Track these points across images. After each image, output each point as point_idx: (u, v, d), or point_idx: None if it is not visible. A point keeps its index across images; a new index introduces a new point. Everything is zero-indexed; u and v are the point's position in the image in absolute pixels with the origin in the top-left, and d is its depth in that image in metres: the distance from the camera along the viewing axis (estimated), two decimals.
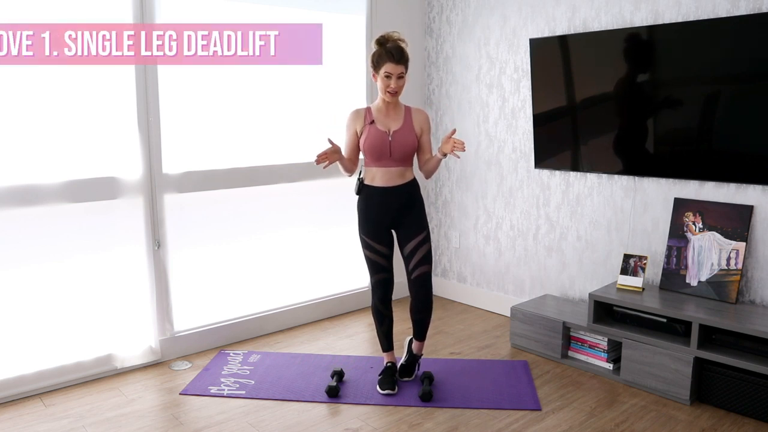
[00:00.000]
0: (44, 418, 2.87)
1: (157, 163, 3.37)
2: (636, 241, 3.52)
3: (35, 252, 3.06)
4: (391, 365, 3.18)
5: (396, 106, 2.99)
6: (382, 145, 2.92)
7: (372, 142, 2.93)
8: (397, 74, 2.88)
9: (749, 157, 3.02)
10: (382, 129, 2.94)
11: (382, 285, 3.07)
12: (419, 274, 3.00)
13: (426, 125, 3.03)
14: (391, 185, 2.97)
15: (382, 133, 2.93)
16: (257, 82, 3.74)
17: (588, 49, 3.53)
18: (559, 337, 3.43)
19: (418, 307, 3.07)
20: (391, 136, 2.93)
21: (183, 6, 3.39)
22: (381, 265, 3.05)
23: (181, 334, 3.57)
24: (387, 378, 3.11)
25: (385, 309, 3.12)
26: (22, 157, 2.97)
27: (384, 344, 3.19)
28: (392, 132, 2.94)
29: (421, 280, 3.01)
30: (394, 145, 2.93)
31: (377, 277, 3.06)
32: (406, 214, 3.00)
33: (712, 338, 2.96)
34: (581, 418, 2.86)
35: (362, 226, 3.04)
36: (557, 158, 3.76)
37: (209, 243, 3.66)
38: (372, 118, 2.96)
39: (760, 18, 2.88)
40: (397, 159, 2.95)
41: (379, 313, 3.13)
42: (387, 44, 2.89)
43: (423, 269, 3.00)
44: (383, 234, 3.02)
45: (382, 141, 2.92)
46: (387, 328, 3.16)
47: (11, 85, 2.91)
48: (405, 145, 2.95)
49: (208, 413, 2.91)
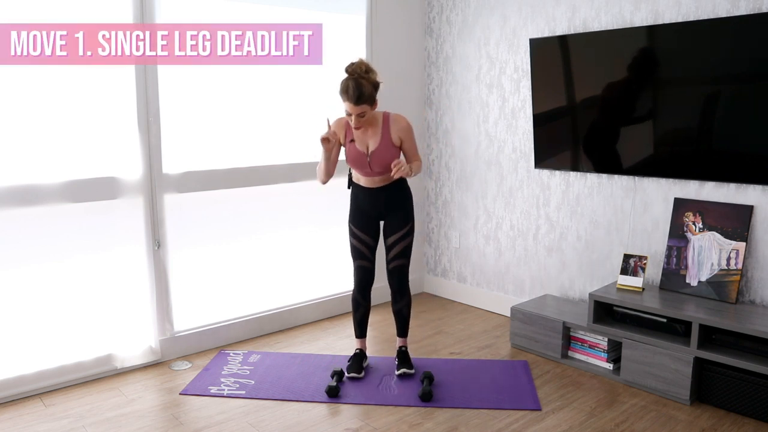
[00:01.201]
0: (44, 418, 2.87)
1: (157, 163, 3.37)
2: (636, 241, 3.52)
3: (35, 252, 3.06)
4: (360, 352, 3.32)
5: (373, 122, 3.02)
6: (362, 163, 3.03)
7: (353, 159, 3.05)
8: (357, 114, 2.87)
9: (749, 157, 3.01)
10: (360, 149, 3.01)
11: (360, 272, 3.20)
12: (394, 266, 3.17)
13: (405, 134, 3.04)
14: (375, 186, 3.11)
15: (360, 153, 3.01)
16: (257, 82, 3.74)
17: (588, 49, 3.53)
18: (559, 337, 3.43)
19: (395, 296, 3.23)
20: (369, 156, 3.01)
21: (184, 6, 3.38)
22: (362, 252, 3.18)
23: (181, 334, 3.57)
24: (354, 363, 3.25)
25: (362, 299, 3.26)
26: (22, 157, 2.97)
27: (357, 331, 3.34)
28: (371, 152, 3.01)
29: (396, 270, 3.17)
30: (373, 162, 3.02)
31: (357, 263, 3.20)
32: (393, 208, 3.13)
33: (712, 338, 2.96)
34: (581, 418, 2.86)
35: (351, 215, 3.20)
36: (557, 158, 3.77)
37: (209, 243, 3.66)
38: (351, 137, 3.01)
39: (760, 18, 2.88)
40: (378, 172, 3.05)
41: (355, 302, 3.28)
42: (350, 79, 2.87)
43: (398, 262, 3.17)
44: (369, 225, 3.16)
45: (362, 159, 3.02)
46: (361, 316, 3.30)
47: (11, 85, 2.91)
48: (384, 160, 3.01)
49: (208, 413, 2.91)
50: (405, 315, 3.27)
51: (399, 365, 3.24)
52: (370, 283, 3.25)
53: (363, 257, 3.19)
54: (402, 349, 3.31)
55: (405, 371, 3.21)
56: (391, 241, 3.15)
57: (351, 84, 2.85)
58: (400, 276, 3.18)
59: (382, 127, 3.02)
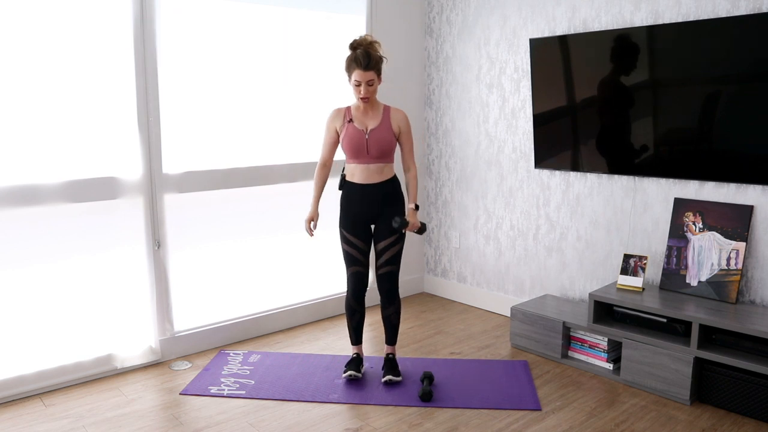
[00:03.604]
0: (44, 418, 2.87)
1: (157, 163, 3.37)
2: (636, 241, 3.52)
3: (35, 252, 3.06)
4: (356, 356, 3.30)
5: (374, 106, 3.07)
6: (360, 143, 3.01)
7: (350, 140, 3.02)
8: (366, 81, 2.92)
9: (749, 157, 3.02)
10: (359, 128, 3.02)
11: (355, 278, 3.16)
12: (384, 272, 3.14)
13: (404, 125, 3.09)
14: (370, 182, 3.06)
15: (359, 131, 3.02)
16: (257, 82, 3.74)
17: (588, 49, 3.53)
18: (559, 337, 3.43)
19: (384, 302, 3.20)
20: (368, 134, 3.01)
21: (184, 6, 3.38)
22: (356, 258, 3.14)
23: (181, 334, 3.57)
24: (351, 364, 3.24)
25: (356, 304, 3.22)
26: (22, 157, 2.97)
27: (352, 337, 3.30)
28: (369, 130, 3.02)
29: (386, 276, 3.15)
30: (371, 143, 3.01)
31: (352, 270, 3.16)
32: (385, 212, 3.10)
33: (712, 338, 2.97)
34: (581, 418, 2.86)
35: (342, 220, 3.16)
36: (557, 158, 3.77)
37: (209, 243, 3.66)
38: (351, 117, 3.04)
39: (760, 18, 2.88)
40: (374, 156, 3.03)
41: (350, 308, 3.24)
42: (358, 49, 2.94)
43: (388, 268, 3.14)
44: (361, 229, 3.12)
45: (359, 139, 3.01)
46: (357, 323, 3.27)
47: (11, 85, 2.91)
48: (382, 142, 3.02)
49: (208, 413, 2.91)
50: (394, 322, 3.22)
51: (386, 372, 3.19)
52: (365, 288, 3.21)
53: (357, 263, 3.14)
54: (389, 356, 3.27)
55: (391, 378, 3.16)
56: (382, 247, 3.11)
57: (360, 52, 2.91)
58: (389, 282, 3.14)
59: (383, 113, 3.07)
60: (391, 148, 3.05)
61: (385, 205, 3.09)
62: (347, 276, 3.18)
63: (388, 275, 3.13)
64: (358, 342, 3.30)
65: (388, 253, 3.11)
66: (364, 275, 3.18)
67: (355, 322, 3.25)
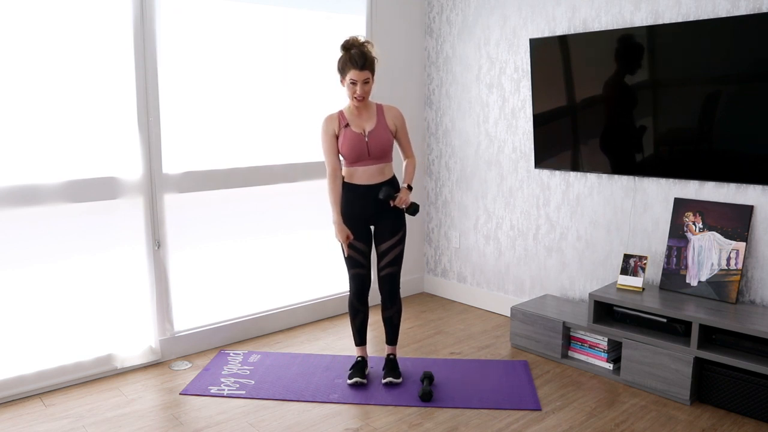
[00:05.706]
0: (44, 418, 2.87)
1: (157, 163, 3.37)
2: (636, 241, 3.52)
3: (35, 252, 3.06)
4: (361, 359, 3.27)
5: (367, 107, 3.06)
6: (360, 146, 3.00)
7: (350, 145, 2.99)
8: (361, 80, 2.92)
9: (749, 157, 3.02)
10: (357, 131, 3.01)
11: (357, 280, 3.15)
12: (386, 274, 3.14)
13: (399, 121, 3.10)
14: (370, 183, 3.05)
15: (357, 135, 3.00)
16: (257, 82, 3.74)
17: (588, 49, 3.53)
18: (559, 337, 3.43)
19: (385, 303, 3.19)
20: (367, 136, 3.00)
21: (184, 6, 3.38)
22: (357, 260, 3.12)
23: (181, 334, 3.57)
24: (356, 371, 3.20)
25: (360, 304, 3.21)
26: (22, 157, 2.97)
27: (356, 339, 3.28)
28: (368, 132, 3.01)
29: (387, 278, 3.14)
30: (371, 144, 3.00)
31: (353, 272, 3.15)
32: (385, 213, 3.09)
33: (712, 338, 2.97)
34: (581, 418, 2.86)
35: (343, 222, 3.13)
36: (557, 158, 3.77)
37: (209, 243, 3.66)
38: (346, 121, 3.02)
39: (760, 18, 2.88)
40: (376, 157, 3.03)
41: (353, 308, 3.22)
42: (351, 50, 2.93)
43: (390, 270, 3.13)
44: (361, 230, 3.10)
45: (359, 142, 3.00)
46: (360, 324, 3.25)
47: (12, 85, 2.91)
48: (382, 142, 3.01)
49: (208, 413, 2.91)
50: (395, 323, 3.22)
51: (386, 374, 3.19)
52: (368, 288, 3.21)
53: (358, 265, 3.12)
54: (390, 356, 3.27)
55: (391, 380, 3.16)
56: (384, 248, 3.11)
57: (355, 52, 2.89)
58: (391, 284, 3.14)
59: (377, 113, 3.06)
60: (390, 146, 3.05)
61: (385, 206, 3.08)
62: (349, 277, 3.17)
63: (390, 277, 3.13)
64: (362, 343, 3.28)
65: (390, 254, 3.11)
66: (366, 276, 3.16)
67: (359, 322, 3.24)
